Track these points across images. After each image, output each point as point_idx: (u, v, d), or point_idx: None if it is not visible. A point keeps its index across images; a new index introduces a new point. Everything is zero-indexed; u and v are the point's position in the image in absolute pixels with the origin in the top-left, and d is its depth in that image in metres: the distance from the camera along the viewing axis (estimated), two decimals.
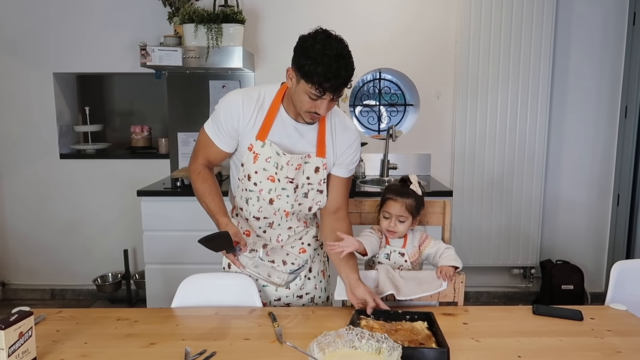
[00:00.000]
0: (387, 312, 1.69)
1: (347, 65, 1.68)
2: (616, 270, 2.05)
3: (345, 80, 1.69)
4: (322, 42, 1.67)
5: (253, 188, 1.91)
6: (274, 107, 1.86)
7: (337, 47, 1.67)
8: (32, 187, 3.99)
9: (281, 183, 1.89)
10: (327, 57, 1.63)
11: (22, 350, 1.41)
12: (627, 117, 3.85)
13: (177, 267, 3.21)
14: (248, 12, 3.64)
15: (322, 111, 1.73)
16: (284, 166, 1.87)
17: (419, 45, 3.81)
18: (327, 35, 1.70)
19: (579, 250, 4.06)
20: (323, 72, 1.63)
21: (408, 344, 1.49)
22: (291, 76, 1.75)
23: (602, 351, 1.55)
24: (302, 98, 1.73)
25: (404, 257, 2.02)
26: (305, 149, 1.90)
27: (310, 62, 1.64)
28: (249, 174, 1.90)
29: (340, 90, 1.70)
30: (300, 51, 1.70)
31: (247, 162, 1.89)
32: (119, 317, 1.80)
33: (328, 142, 1.93)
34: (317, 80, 1.65)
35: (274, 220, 1.99)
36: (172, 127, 3.88)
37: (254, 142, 1.86)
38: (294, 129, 1.88)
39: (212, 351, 1.53)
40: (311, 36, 1.70)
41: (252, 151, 1.86)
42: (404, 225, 1.98)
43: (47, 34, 3.80)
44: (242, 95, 1.87)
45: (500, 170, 3.86)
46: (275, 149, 1.85)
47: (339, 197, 2.01)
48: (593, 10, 3.78)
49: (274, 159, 1.86)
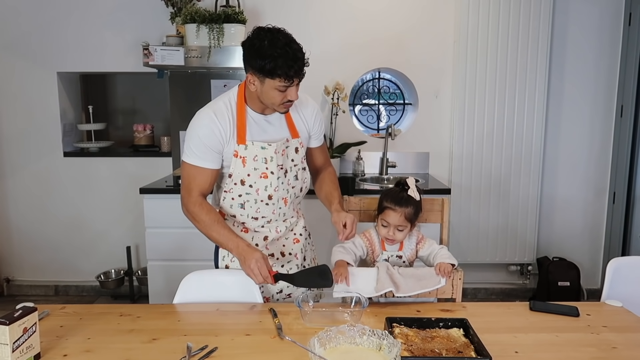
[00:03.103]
0: (420, 319, 1.65)
1: (299, 47, 1.79)
2: (612, 267, 2.06)
3: (303, 60, 1.79)
4: (268, 38, 1.75)
5: (249, 190, 1.97)
6: (241, 109, 1.93)
7: (281, 37, 1.76)
8: (36, 184, 4.02)
9: (274, 175, 1.95)
10: (279, 48, 1.73)
11: (27, 346, 1.42)
12: (623, 116, 3.87)
13: (179, 263, 3.23)
14: (249, 12, 3.65)
15: (294, 96, 1.84)
16: (273, 156, 1.93)
17: (417, 45, 3.82)
18: (268, 30, 1.79)
19: (575, 247, 4.08)
20: (284, 62, 1.72)
21: (446, 353, 1.47)
22: (252, 81, 1.82)
23: (598, 347, 1.56)
24: (272, 94, 1.82)
25: (401, 259, 2.04)
26: (281, 135, 1.99)
27: (269, 60, 1.73)
28: (242, 179, 1.96)
29: (302, 71, 1.80)
30: (251, 55, 1.77)
31: (237, 169, 1.94)
32: (122, 313, 1.81)
33: (297, 122, 2.04)
34: (283, 72, 1.74)
35: (272, 218, 2.04)
36: (174, 126, 3.89)
37: (237, 147, 1.92)
38: (265, 123, 1.97)
39: (213, 346, 1.54)
40: (254, 37, 1.78)
41: (238, 157, 1.93)
42: (402, 233, 1.99)
43: (51, 33, 3.82)
44: (211, 110, 1.93)
45: (497, 168, 3.88)
46: (259, 145, 1.92)
47: (320, 161, 2.22)
48: (589, 10, 3.80)
49: (260, 155, 1.93)
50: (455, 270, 1.95)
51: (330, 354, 1.36)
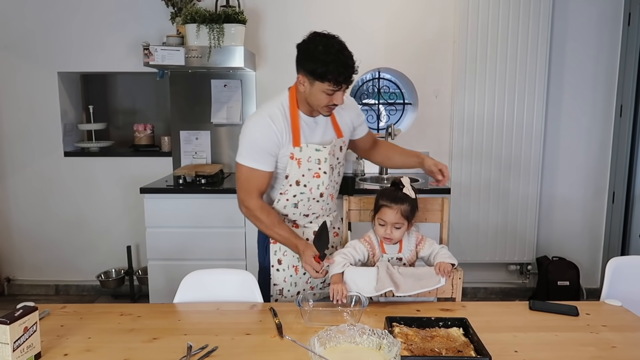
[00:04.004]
0: (419, 319, 1.66)
1: (350, 55, 1.88)
2: (611, 266, 2.08)
3: (354, 68, 1.88)
4: (322, 43, 1.85)
5: (303, 190, 2.10)
6: (294, 113, 2.03)
7: (335, 43, 1.87)
8: (37, 184, 4.02)
9: (326, 174, 2.10)
10: (332, 55, 1.82)
11: (27, 345, 1.42)
12: (622, 115, 3.88)
13: (179, 263, 3.24)
14: (249, 12, 3.66)
15: (339, 100, 1.93)
16: (327, 157, 2.07)
17: (417, 45, 3.82)
18: (323, 35, 1.89)
19: (574, 246, 4.08)
20: (335, 68, 1.82)
21: (446, 352, 1.47)
22: (303, 82, 1.92)
23: (597, 346, 1.57)
24: (320, 96, 1.91)
25: (401, 261, 2.04)
26: (328, 136, 2.12)
27: (320, 64, 1.83)
28: (298, 180, 2.09)
29: (352, 78, 1.89)
30: (305, 58, 1.88)
31: (292, 170, 2.07)
32: (122, 312, 1.82)
33: (341, 121, 2.16)
34: (332, 77, 1.84)
35: (320, 214, 2.20)
36: (175, 126, 3.90)
37: (293, 149, 2.02)
38: (313, 124, 2.08)
39: (213, 346, 1.55)
40: (310, 41, 1.88)
41: (294, 159, 2.05)
42: (400, 231, 1.99)
43: (52, 33, 3.82)
44: (267, 115, 2.01)
45: (497, 168, 3.88)
46: (314, 147, 2.05)
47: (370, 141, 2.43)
48: (589, 10, 3.80)
49: (314, 156, 2.06)
50: (455, 270, 1.95)
51: (330, 353, 1.37)
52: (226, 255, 3.30)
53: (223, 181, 3.56)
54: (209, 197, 3.29)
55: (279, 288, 2.20)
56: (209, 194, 3.29)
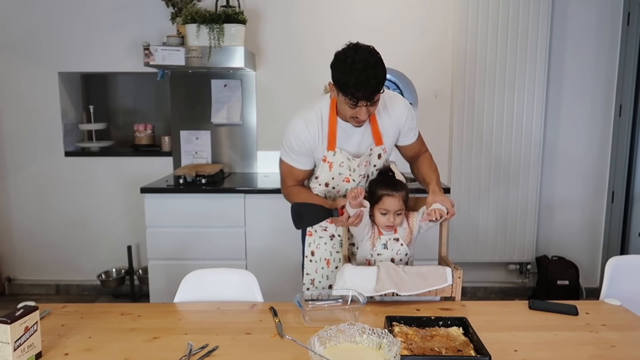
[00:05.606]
0: (419, 318, 1.65)
1: (376, 73, 1.81)
2: (611, 265, 2.08)
3: (376, 87, 1.83)
4: (352, 55, 1.82)
5: (332, 191, 2.19)
6: (332, 119, 2.05)
7: (365, 58, 1.81)
8: (38, 184, 4.03)
9: (356, 181, 2.14)
10: (355, 69, 1.79)
11: (28, 345, 1.43)
12: (622, 115, 3.88)
13: (179, 262, 3.25)
14: (249, 12, 3.66)
15: (363, 116, 1.91)
16: (355, 168, 2.10)
17: (417, 45, 3.83)
18: (356, 48, 1.86)
19: (574, 246, 4.08)
20: (354, 83, 1.79)
21: (446, 351, 1.47)
22: (332, 88, 1.93)
23: (596, 345, 1.57)
24: (344, 107, 1.92)
25: (399, 241, 2.05)
26: (367, 143, 2.11)
27: (342, 76, 1.82)
28: (327, 182, 2.16)
29: (373, 97, 1.85)
30: (334, 65, 1.87)
31: (323, 172, 2.13)
32: (123, 311, 1.82)
33: (383, 128, 2.11)
34: (350, 92, 1.81)
35: None
36: (175, 125, 3.91)
37: (326, 153, 2.08)
38: (351, 130, 2.07)
39: (214, 345, 1.55)
40: (343, 51, 1.87)
41: (326, 162, 2.10)
42: (400, 217, 2.03)
43: (52, 33, 3.83)
44: (303, 119, 2.06)
45: (496, 167, 3.89)
46: (346, 155, 2.08)
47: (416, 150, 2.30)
48: (588, 10, 3.80)
49: (346, 163, 2.10)
50: (455, 269, 1.94)
51: (330, 352, 1.37)
52: (226, 255, 3.31)
53: (223, 181, 3.56)
54: (209, 197, 3.29)
55: (311, 278, 2.27)
56: (209, 194, 3.29)
